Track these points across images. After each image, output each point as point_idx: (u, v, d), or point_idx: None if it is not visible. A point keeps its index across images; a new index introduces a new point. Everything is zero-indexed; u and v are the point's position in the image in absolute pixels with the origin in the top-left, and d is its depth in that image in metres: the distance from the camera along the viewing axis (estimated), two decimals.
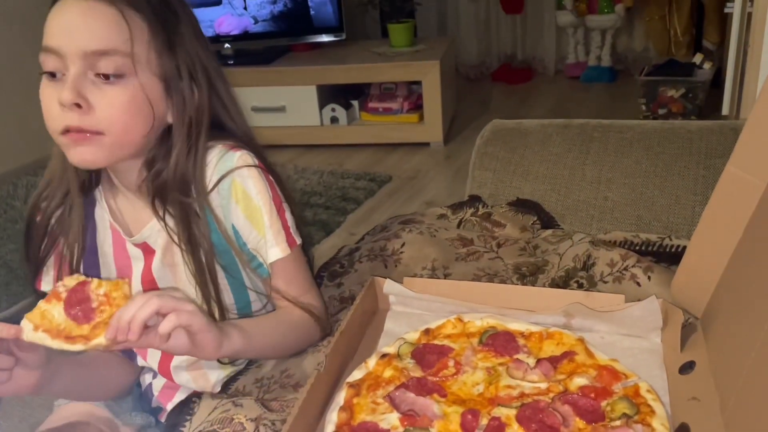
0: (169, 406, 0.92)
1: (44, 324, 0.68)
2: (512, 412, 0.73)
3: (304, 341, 0.90)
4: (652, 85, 3.01)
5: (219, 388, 0.89)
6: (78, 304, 0.70)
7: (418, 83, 3.11)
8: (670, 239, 1.03)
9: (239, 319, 0.85)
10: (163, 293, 0.72)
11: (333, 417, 0.74)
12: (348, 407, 0.75)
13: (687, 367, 0.77)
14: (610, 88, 3.83)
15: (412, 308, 0.94)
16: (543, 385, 0.77)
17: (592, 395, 0.74)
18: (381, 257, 1.10)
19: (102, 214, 0.90)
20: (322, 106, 3.20)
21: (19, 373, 0.74)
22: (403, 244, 1.12)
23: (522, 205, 1.17)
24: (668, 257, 1.01)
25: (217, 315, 0.84)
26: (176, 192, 0.83)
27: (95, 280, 0.72)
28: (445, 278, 1.02)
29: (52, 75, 0.76)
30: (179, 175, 0.82)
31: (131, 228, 0.88)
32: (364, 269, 1.08)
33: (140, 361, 0.94)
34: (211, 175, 0.84)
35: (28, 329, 0.68)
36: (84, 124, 0.75)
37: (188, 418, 0.81)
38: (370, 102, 3.24)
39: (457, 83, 3.63)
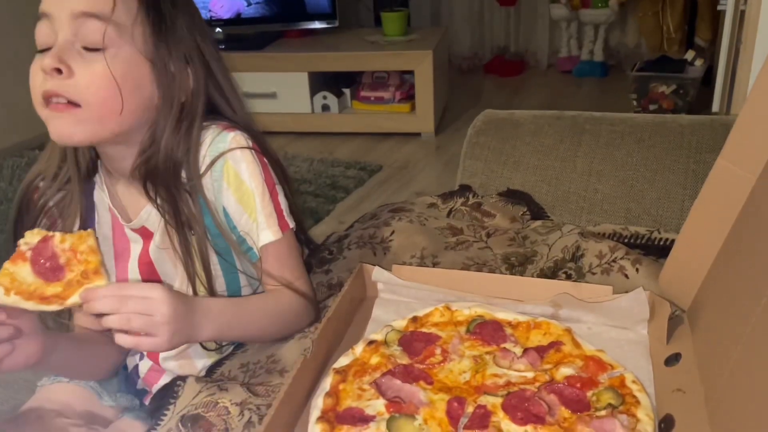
0: (155, 389, 0.91)
1: (15, 286, 0.67)
2: (498, 401, 0.73)
3: (292, 326, 0.89)
4: (644, 80, 3.02)
5: (204, 373, 0.88)
6: (45, 262, 0.69)
7: (411, 73, 3.10)
8: (659, 232, 1.04)
9: (226, 298, 0.84)
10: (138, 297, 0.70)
11: (318, 402, 0.73)
12: (334, 393, 0.75)
13: (673, 359, 0.77)
14: (601, 83, 3.84)
15: (400, 296, 0.93)
16: (529, 375, 0.77)
17: (578, 385, 0.75)
18: (370, 245, 1.10)
19: (102, 198, 0.89)
20: (313, 94, 3.18)
21: (22, 343, 0.74)
22: (392, 232, 1.12)
23: (512, 196, 1.17)
24: (656, 250, 1.01)
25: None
26: (167, 176, 0.82)
27: (57, 235, 0.71)
28: (433, 267, 1.02)
29: (47, 51, 0.75)
30: (170, 159, 0.82)
31: (129, 213, 0.87)
32: (353, 256, 1.08)
33: None
34: (204, 157, 0.83)
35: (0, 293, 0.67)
36: (61, 89, 0.74)
37: (172, 401, 0.80)
38: (361, 90, 3.23)
39: (450, 74, 3.62)
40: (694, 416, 0.67)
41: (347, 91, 3.24)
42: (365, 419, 0.71)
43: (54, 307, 0.68)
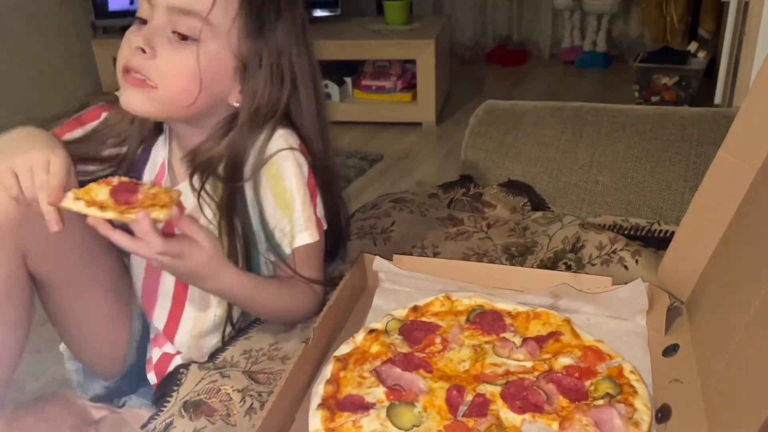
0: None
1: (86, 197, 0.71)
2: (497, 389, 0.74)
3: (298, 318, 0.90)
4: (646, 72, 3.01)
5: (206, 358, 0.89)
6: (124, 192, 0.72)
7: (412, 62, 3.09)
8: (659, 224, 1.04)
9: (247, 277, 0.85)
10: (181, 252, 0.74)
11: (319, 390, 0.74)
12: (334, 380, 0.75)
13: (670, 350, 0.78)
14: (604, 74, 3.83)
15: (401, 285, 0.94)
16: (528, 364, 0.78)
17: (576, 375, 0.75)
18: (371, 235, 1.10)
19: (159, 153, 0.91)
20: None
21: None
22: (393, 223, 1.12)
23: (513, 187, 1.18)
24: (656, 242, 1.02)
25: None
26: (217, 170, 0.83)
27: (149, 183, 0.76)
28: (434, 257, 1.02)
29: (144, 22, 0.78)
30: (231, 158, 0.83)
31: (177, 178, 0.90)
32: (354, 246, 1.08)
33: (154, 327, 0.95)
34: (258, 153, 0.85)
35: (69, 197, 0.70)
36: (142, 67, 0.77)
37: (176, 388, 0.81)
38: (363, 79, 3.22)
39: (452, 63, 3.61)
40: (690, 406, 0.67)
41: (349, 80, 3.23)
42: (365, 406, 0.72)
43: (108, 215, 0.70)
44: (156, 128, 0.90)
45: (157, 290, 0.92)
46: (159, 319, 0.93)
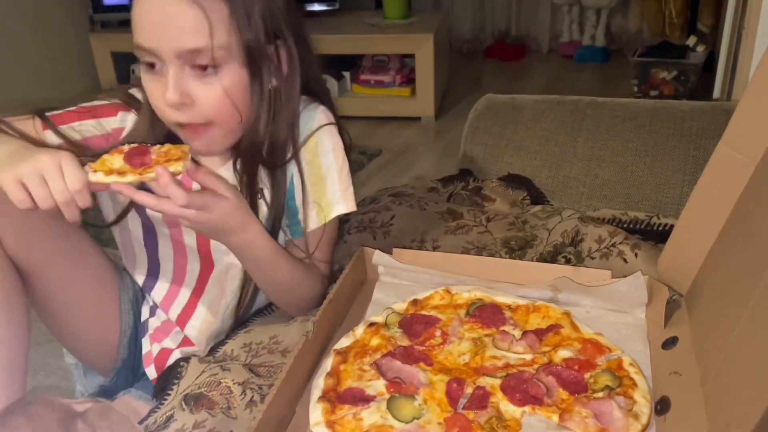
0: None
1: (103, 168, 0.72)
2: (497, 382, 0.74)
3: (301, 302, 0.91)
4: (645, 66, 3.00)
5: (206, 352, 0.89)
6: (137, 155, 0.74)
7: (411, 56, 3.08)
8: (658, 218, 1.04)
9: (272, 242, 0.87)
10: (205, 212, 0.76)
11: (320, 383, 0.74)
12: (335, 373, 0.76)
13: (670, 343, 0.78)
14: (602, 69, 3.82)
15: (401, 279, 0.94)
16: (528, 357, 0.78)
17: (576, 367, 0.76)
18: (370, 229, 1.11)
19: None
20: None
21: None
22: (392, 217, 1.12)
23: (512, 180, 1.18)
24: (655, 235, 1.02)
25: None
26: (261, 156, 0.85)
27: (157, 146, 0.76)
28: (433, 251, 1.02)
29: (151, 65, 0.78)
30: (272, 142, 0.85)
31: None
32: (353, 241, 1.08)
33: (153, 322, 0.96)
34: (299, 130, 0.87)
35: (89, 172, 0.71)
36: (193, 119, 0.79)
37: (176, 381, 0.82)
38: (361, 74, 3.21)
39: (450, 58, 3.60)
40: (689, 398, 0.68)
41: (347, 75, 3.23)
42: (366, 399, 0.72)
43: (129, 179, 0.71)
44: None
45: (184, 278, 0.93)
46: (175, 308, 0.94)
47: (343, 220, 1.17)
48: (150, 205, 0.74)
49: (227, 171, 0.87)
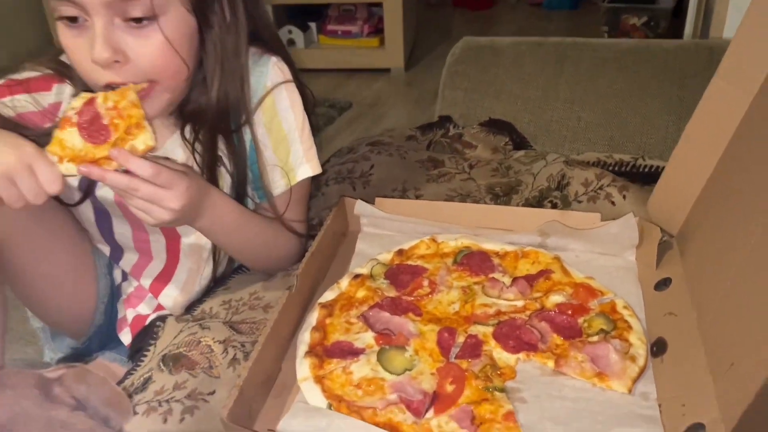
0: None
1: (66, 153, 0.65)
2: (489, 330, 0.72)
3: (278, 262, 0.87)
4: (615, 12, 2.96)
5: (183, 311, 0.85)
6: (91, 125, 0.66)
7: (379, 5, 2.98)
8: (644, 159, 1.02)
9: (236, 205, 0.80)
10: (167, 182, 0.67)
11: (305, 337, 0.71)
12: (321, 327, 0.73)
13: (662, 284, 0.77)
14: (572, 16, 3.77)
15: (384, 229, 0.90)
16: (519, 303, 0.76)
17: (569, 312, 0.74)
18: (349, 179, 1.07)
19: None
20: (278, 28, 3.05)
21: None
22: (372, 166, 1.08)
23: (494, 126, 1.14)
24: (641, 177, 1.00)
25: None
26: (214, 118, 0.76)
27: (101, 95, 0.67)
28: (416, 200, 0.99)
29: (73, 20, 0.66)
30: (222, 101, 0.76)
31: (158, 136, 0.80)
32: (332, 192, 1.04)
33: (126, 287, 0.90)
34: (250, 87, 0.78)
35: (55, 162, 0.65)
36: (127, 77, 0.68)
37: (152, 342, 0.77)
38: (328, 24, 3.10)
39: (418, 7, 3.51)
40: (686, 339, 0.66)
41: (313, 25, 3.11)
42: (355, 352, 0.69)
43: (95, 172, 0.65)
44: None
45: (150, 251, 0.87)
46: (146, 276, 0.88)
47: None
48: (123, 185, 0.66)
49: (176, 142, 0.79)
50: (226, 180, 0.80)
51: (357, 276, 0.80)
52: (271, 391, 0.67)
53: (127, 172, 0.66)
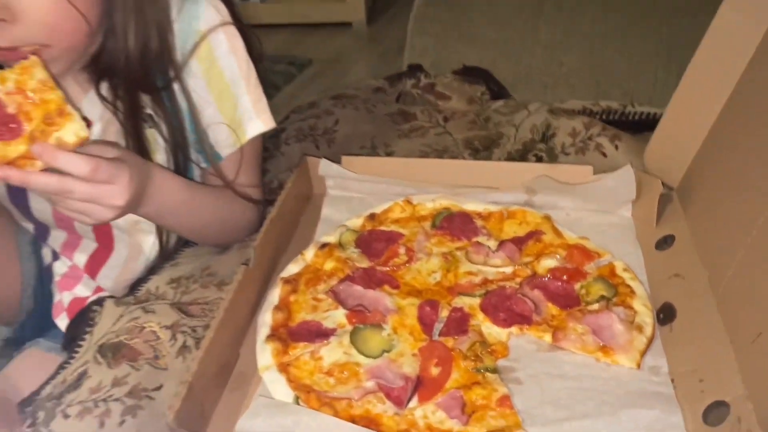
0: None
1: None
2: (476, 301, 0.64)
3: (236, 234, 0.77)
4: None
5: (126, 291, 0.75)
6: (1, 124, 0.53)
7: None
8: (633, 106, 0.94)
9: (183, 181, 0.70)
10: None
11: (267, 318, 0.62)
12: (284, 306, 0.64)
13: (664, 242, 0.69)
14: None
15: (353, 191, 0.81)
16: (508, 270, 0.68)
17: (564, 278, 0.66)
18: (311, 137, 0.97)
19: None
20: None
21: None
22: (336, 122, 0.99)
23: (469, 74, 1.06)
24: (631, 125, 0.92)
25: None
26: (132, 72, 0.64)
27: None
28: (387, 157, 0.89)
29: None
30: (142, 52, 0.63)
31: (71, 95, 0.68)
32: (293, 152, 0.95)
33: (59, 267, 0.79)
34: (178, 32, 0.66)
35: None
36: (16, 40, 0.55)
37: (88, 329, 0.67)
38: None
39: None
40: (697, 303, 0.59)
41: None
42: (324, 333, 0.60)
43: (38, 167, 0.54)
44: None
45: (74, 226, 0.76)
46: (80, 254, 0.78)
47: (278, 129, 1.02)
48: (54, 188, 0.55)
49: (92, 101, 0.67)
50: (160, 145, 0.69)
51: (324, 245, 0.70)
52: (227, 384, 0.58)
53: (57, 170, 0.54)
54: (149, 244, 0.76)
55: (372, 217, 0.75)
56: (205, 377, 0.54)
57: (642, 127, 0.86)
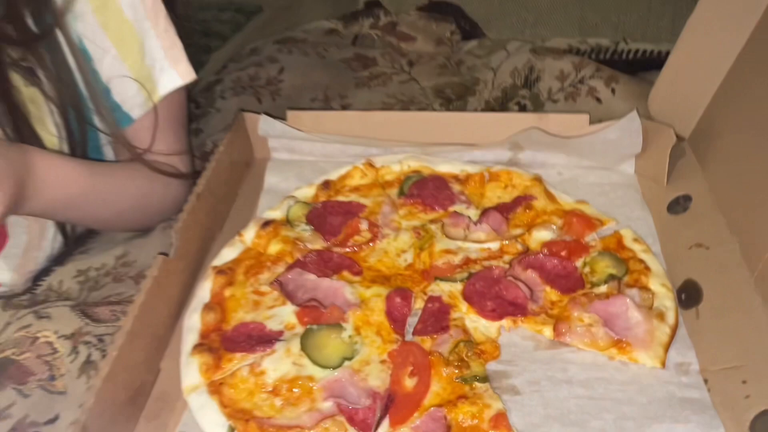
0: None
1: None
2: (457, 288, 0.54)
3: (162, 212, 0.65)
4: None
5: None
6: None
7: None
8: (626, 43, 0.85)
9: (78, 165, 0.57)
10: None
11: (194, 321, 0.51)
12: (217, 304, 0.53)
13: (676, 204, 0.59)
14: None
15: (302, 154, 0.70)
16: (494, 246, 0.57)
17: (563, 253, 0.56)
18: (252, 89, 0.86)
19: None
20: None
21: None
22: (281, 70, 0.88)
23: (436, 10, 0.97)
24: (624, 65, 0.82)
25: None
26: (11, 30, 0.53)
27: None
28: (343, 110, 0.79)
29: None
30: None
31: None
32: (229, 107, 0.84)
33: None
34: None
35: None
36: None
37: None
38: None
39: None
40: (729, 281, 0.49)
41: None
42: (268, 339, 0.50)
43: None
44: None
45: None
46: None
47: (212, 81, 0.88)
48: None
49: None
50: (45, 109, 0.56)
51: (267, 223, 0.59)
52: (143, 412, 0.45)
53: None
54: (50, 232, 0.62)
55: (326, 184, 0.63)
56: (109, 411, 0.42)
57: (639, 66, 0.74)
